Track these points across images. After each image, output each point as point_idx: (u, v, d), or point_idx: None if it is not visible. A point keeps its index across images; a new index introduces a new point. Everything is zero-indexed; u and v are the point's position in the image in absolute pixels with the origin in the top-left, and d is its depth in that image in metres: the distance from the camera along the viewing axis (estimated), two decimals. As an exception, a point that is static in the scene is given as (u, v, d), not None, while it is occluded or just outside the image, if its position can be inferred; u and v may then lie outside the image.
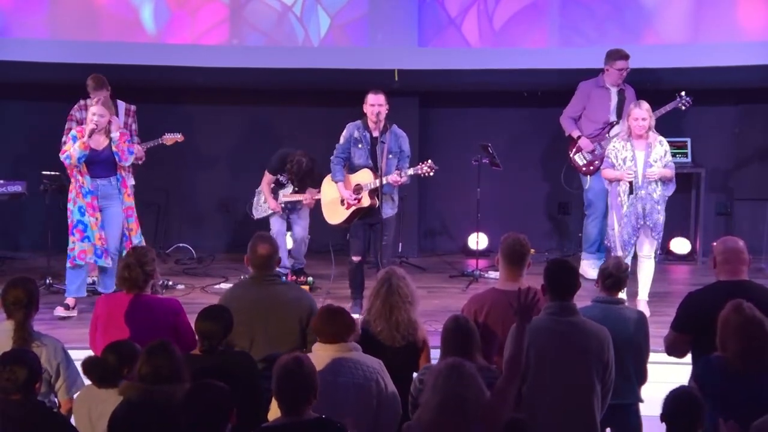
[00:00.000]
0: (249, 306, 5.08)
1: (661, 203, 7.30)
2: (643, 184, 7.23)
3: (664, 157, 7.31)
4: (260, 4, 9.37)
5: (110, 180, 7.42)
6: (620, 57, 8.42)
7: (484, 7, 9.30)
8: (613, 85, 8.52)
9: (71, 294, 7.49)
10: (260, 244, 5.32)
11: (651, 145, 7.27)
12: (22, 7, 9.35)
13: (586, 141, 8.57)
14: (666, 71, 9.08)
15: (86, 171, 7.34)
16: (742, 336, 4.32)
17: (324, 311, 4.76)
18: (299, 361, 4.09)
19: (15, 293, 4.81)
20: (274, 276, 5.37)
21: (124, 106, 8.49)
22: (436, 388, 3.91)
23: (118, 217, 7.47)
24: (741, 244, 5.14)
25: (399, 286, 5.06)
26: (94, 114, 7.21)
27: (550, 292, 4.73)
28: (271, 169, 8.51)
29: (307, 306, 5.24)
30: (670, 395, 4.07)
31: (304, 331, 5.15)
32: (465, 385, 3.88)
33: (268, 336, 5.09)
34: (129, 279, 5.22)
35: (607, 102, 8.52)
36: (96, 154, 7.34)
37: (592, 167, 8.60)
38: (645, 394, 5.07)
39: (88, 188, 7.34)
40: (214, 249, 9.51)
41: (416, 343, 5.06)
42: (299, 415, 4.03)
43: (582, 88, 8.66)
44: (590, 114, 8.62)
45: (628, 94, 8.50)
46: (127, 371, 4.35)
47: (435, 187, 9.53)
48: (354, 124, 7.49)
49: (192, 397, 3.91)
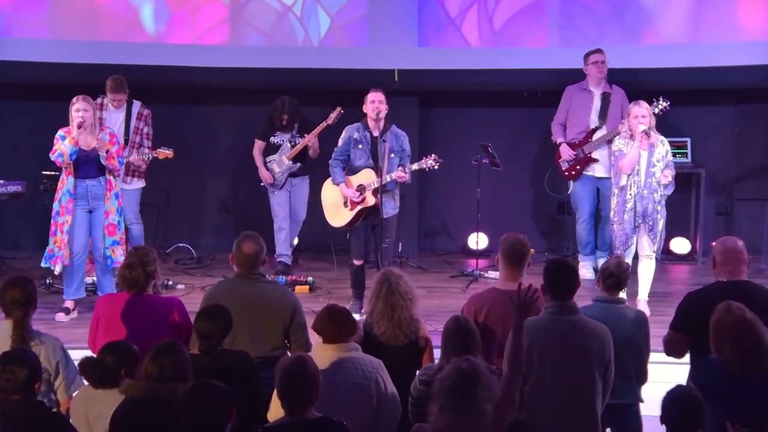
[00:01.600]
0: (232, 303, 5.03)
1: (662, 203, 7.31)
2: (646, 183, 7.24)
3: (666, 156, 7.31)
4: (260, 4, 9.37)
5: (99, 180, 7.29)
6: (593, 52, 8.47)
7: (484, 7, 9.30)
8: (595, 85, 8.52)
9: (69, 296, 7.46)
10: (246, 243, 5.32)
11: (653, 144, 7.27)
12: (22, 7, 9.35)
13: (566, 149, 8.59)
14: (666, 71, 9.07)
15: (72, 172, 7.22)
16: (735, 337, 4.30)
17: (326, 311, 4.76)
18: (302, 361, 4.10)
19: (12, 293, 4.82)
20: (258, 274, 5.36)
21: (137, 107, 8.43)
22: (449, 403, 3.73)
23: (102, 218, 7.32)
24: (740, 244, 5.15)
25: (398, 284, 5.07)
26: (77, 110, 7.15)
27: (549, 292, 4.72)
28: (260, 133, 8.67)
29: (291, 305, 5.24)
30: (667, 396, 4.05)
31: (287, 330, 5.17)
32: (479, 398, 3.73)
33: (250, 333, 5.09)
34: (131, 278, 5.22)
35: (588, 105, 8.53)
36: (84, 155, 7.20)
37: (574, 171, 8.62)
38: (645, 394, 5.07)
39: (67, 189, 7.22)
40: (214, 249, 9.51)
41: (418, 341, 5.06)
42: (302, 414, 4.04)
43: (566, 92, 8.70)
44: (572, 118, 8.64)
45: (615, 97, 8.49)
46: (125, 372, 4.35)
47: (435, 187, 9.54)
48: (352, 126, 7.48)
49: (192, 397, 3.91)
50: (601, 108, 8.51)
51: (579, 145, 8.56)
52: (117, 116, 8.36)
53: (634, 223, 7.26)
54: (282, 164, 8.53)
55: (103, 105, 8.33)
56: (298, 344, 5.19)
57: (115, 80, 8.24)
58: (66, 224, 7.21)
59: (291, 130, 8.57)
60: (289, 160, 8.51)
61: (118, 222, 7.40)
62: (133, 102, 8.43)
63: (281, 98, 8.57)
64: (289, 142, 8.55)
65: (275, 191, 8.62)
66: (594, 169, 8.56)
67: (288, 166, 8.52)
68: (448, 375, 3.75)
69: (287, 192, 8.65)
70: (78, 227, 7.26)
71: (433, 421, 3.72)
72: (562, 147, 8.63)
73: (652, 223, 7.27)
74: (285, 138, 8.58)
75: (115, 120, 8.32)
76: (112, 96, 8.25)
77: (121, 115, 8.37)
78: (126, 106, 8.38)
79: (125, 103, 8.37)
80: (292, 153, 8.49)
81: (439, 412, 3.68)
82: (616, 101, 8.46)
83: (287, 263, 8.66)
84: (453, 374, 3.73)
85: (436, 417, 3.70)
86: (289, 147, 8.53)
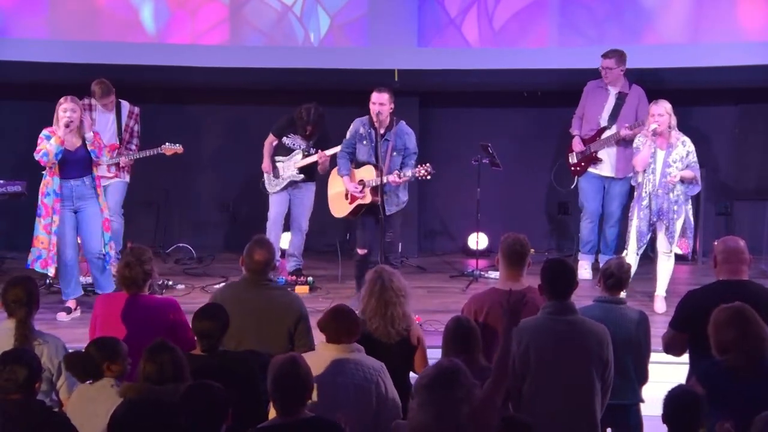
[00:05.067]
0: (240, 308, 5.06)
1: (681, 203, 7.31)
2: (660, 183, 7.25)
3: (686, 157, 7.31)
4: (260, 4, 9.37)
5: (83, 180, 7.25)
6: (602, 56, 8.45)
7: (484, 7, 9.30)
8: (612, 85, 8.51)
9: (69, 296, 7.46)
10: (258, 250, 5.29)
11: (673, 144, 7.27)
12: (22, 7, 9.35)
13: (578, 141, 8.60)
14: (666, 71, 9.08)
15: (57, 172, 7.17)
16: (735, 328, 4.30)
17: (332, 311, 4.76)
18: (294, 362, 4.09)
19: (15, 292, 4.83)
20: (267, 280, 5.36)
21: (127, 107, 8.48)
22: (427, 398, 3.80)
23: (96, 216, 7.29)
24: (742, 243, 5.15)
25: (391, 281, 5.07)
26: (65, 110, 7.14)
27: (548, 292, 4.72)
28: (276, 129, 8.41)
29: (297, 312, 5.24)
30: (668, 396, 4.06)
31: (293, 336, 5.17)
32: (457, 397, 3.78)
33: (257, 338, 5.08)
34: (129, 277, 5.22)
35: (602, 104, 8.52)
36: (70, 155, 7.16)
37: (579, 168, 8.63)
38: (645, 394, 5.07)
39: (52, 189, 7.18)
40: (214, 249, 9.51)
41: (410, 340, 5.06)
42: (294, 415, 4.03)
43: (586, 86, 8.69)
44: (587, 114, 8.65)
45: (631, 97, 8.46)
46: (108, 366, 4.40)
47: (435, 187, 9.53)
48: (360, 119, 7.51)
49: (188, 397, 3.91)
50: (614, 108, 8.50)
51: (587, 142, 8.56)
52: (108, 117, 8.38)
53: (650, 221, 7.29)
54: (287, 170, 8.37)
55: (92, 106, 8.33)
56: (302, 349, 5.18)
57: (101, 84, 8.26)
58: (54, 225, 7.18)
59: (310, 140, 8.32)
60: (296, 169, 8.38)
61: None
62: (121, 102, 8.45)
63: (308, 106, 8.18)
64: (303, 151, 8.34)
65: (272, 193, 8.53)
66: (601, 168, 8.55)
67: (292, 174, 8.37)
68: (428, 371, 3.83)
69: (287, 195, 8.48)
70: (66, 227, 7.24)
71: (411, 418, 3.77)
72: (575, 139, 8.63)
73: (668, 222, 7.28)
74: (299, 144, 8.36)
75: (106, 121, 8.34)
76: (102, 101, 8.26)
77: (111, 116, 8.40)
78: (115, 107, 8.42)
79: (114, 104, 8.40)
80: (301, 163, 8.33)
81: (417, 408, 3.73)
82: (630, 102, 8.42)
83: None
84: (433, 370, 3.80)
85: (415, 413, 3.75)
86: (301, 156, 8.35)
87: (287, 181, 8.39)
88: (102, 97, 8.26)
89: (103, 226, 7.33)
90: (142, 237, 8.63)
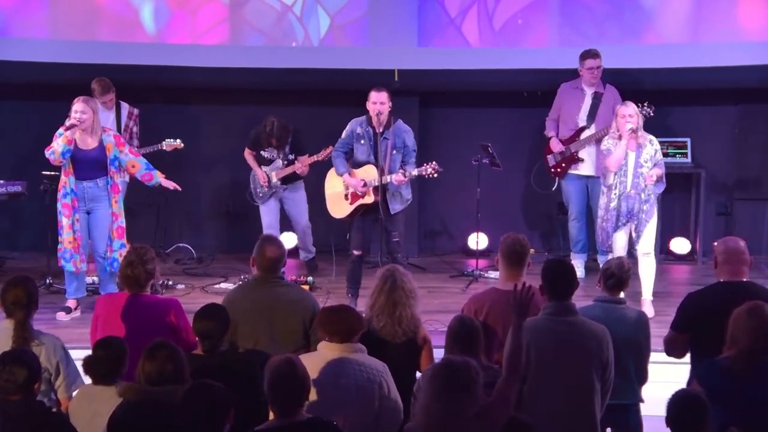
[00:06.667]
0: (253, 307, 5.07)
1: (651, 203, 7.31)
2: (633, 184, 7.25)
3: (654, 156, 7.33)
4: (260, 4, 9.36)
5: (97, 182, 7.23)
6: (590, 56, 8.43)
7: (484, 6, 9.29)
8: (588, 85, 8.51)
9: (71, 295, 7.47)
10: (269, 247, 5.29)
11: (642, 145, 7.29)
12: (22, 7, 9.34)
13: (556, 142, 8.61)
14: (666, 71, 9.07)
15: (71, 171, 7.19)
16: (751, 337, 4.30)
17: (333, 310, 4.76)
18: (291, 363, 4.06)
19: (15, 292, 4.82)
20: (278, 278, 5.36)
21: (127, 108, 8.49)
22: (432, 394, 3.87)
23: (105, 219, 7.28)
24: (742, 244, 5.14)
25: (403, 281, 5.05)
26: (76, 111, 7.14)
27: (548, 293, 4.72)
28: (249, 144, 8.53)
29: (310, 307, 5.22)
30: (673, 398, 4.04)
31: (308, 332, 5.15)
32: (460, 389, 3.83)
33: (272, 337, 5.08)
34: (132, 277, 5.22)
35: (579, 104, 8.52)
36: (82, 154, 7.17)
37: (559, 169, 8.63)
38: (645, 394, 5.07)
39: (70, 188, 7.19)
40: (214, 249, 9.51)
41: (416, 340, 5.04)
42: (292, 416, 4.02)
43: (560, 89, 8.70)
44: (564, 115, 8.65)
45: (607, 96, 8.47)
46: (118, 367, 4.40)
47: (435, 187, 9.52)
48: (357, 120, 7.49)
49: (189, 398, 3.90)
50: (591, 108, 8.51)
51: (566, 143, 8.57)
52: (108, 116, 8.39)
53: (617, 223, 7.29)
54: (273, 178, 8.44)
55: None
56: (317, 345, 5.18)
57: (101, 82, 8.29)
58: (77, 222, 7.21)
59: (282, 149, 8.41)
60: (278, 179, 8.42)
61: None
62: (121, 103, 8.45)
63: (269, 120, 8.31)
64: (282, 160, 8.40)
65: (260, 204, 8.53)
66: (579, 167, 8.56)
67: (275, 183, 8.42)
68: (436, 364, 3.89)
69: (276, 202, 8.52)
70: (81, 228, 7.26)
71: (418, 411, 3.83)
72: (552, 141, 8.65)
73: (638, 222, 7.29)
74: (277, 154, 8.43)
75: (105, 120, 8.33)
76: (102, 98, 8.27)
77: (111, 115, 8.43)
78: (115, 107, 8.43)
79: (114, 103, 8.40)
80: (281, 173, 8.40)
81: (425, 401, 3.79)
82: (606, 101, 8.43)
83: None
84: (440, 364, 3.85)
85: (422, 407, 3.80)
86: (281, 164, 8.40)
87: (272, 190, 8.45)
88: (101, 94, 8.27)
89: (116, 232, 7.31)
90: (142, 237, 8.60)
